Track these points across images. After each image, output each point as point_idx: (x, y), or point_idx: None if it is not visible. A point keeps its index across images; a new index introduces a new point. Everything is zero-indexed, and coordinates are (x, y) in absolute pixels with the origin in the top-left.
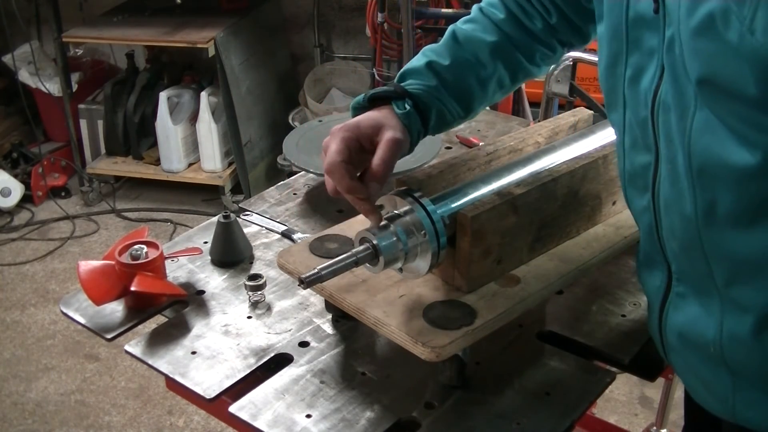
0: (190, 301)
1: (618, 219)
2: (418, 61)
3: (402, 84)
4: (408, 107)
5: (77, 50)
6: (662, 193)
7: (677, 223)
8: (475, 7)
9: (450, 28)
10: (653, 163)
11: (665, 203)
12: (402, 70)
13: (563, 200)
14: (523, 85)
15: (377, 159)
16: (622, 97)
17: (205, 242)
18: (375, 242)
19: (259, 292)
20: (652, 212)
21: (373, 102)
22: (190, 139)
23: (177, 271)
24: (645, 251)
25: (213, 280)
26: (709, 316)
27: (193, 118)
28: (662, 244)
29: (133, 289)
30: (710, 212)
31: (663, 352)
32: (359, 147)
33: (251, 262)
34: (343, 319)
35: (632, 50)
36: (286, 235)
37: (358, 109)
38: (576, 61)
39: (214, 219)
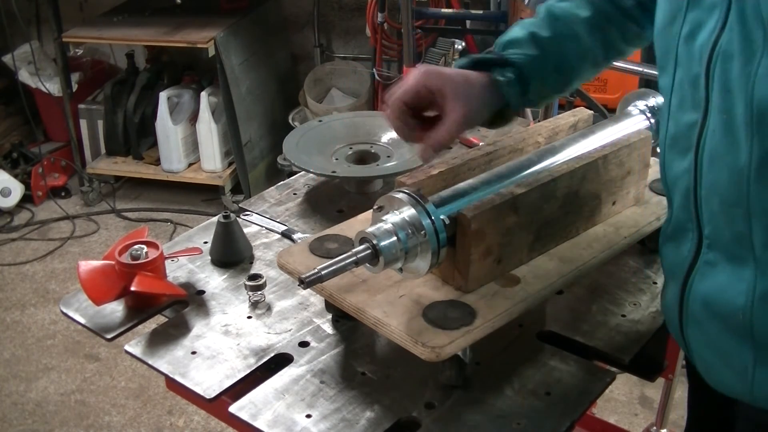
0: (190, 301)
1: (618, 219)
2: (518, 32)
3: (503, 54)
4: (511, 75)
5: (77, 50)
6: (708, 149)
7: (724, 177)
8: None
9: (544, 6)
10: (700, 121)
11: (711, 159)
12: (502, 39)
13: (563, 200)
14: None
15: (445, 133)
16: (674, 57)
17: (205, 242)
18: (375, 242)
19: (259, 292)
20: (692, 173)
21: (474, 67)
22: (190, 139)
23: (177, 271)
24: (676, 221)
25: (213, 280)
26: (740, 282)
27: (193, 118)
28: (698, 208)
29: (133, 289)
30: (765, 164)
31: (679, 328)
32: (426, 95)
33: (251, 262)
34: (343, 319)
35: (692, 6)
36: (286, 235)
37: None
38: None
39: (214, 219)
